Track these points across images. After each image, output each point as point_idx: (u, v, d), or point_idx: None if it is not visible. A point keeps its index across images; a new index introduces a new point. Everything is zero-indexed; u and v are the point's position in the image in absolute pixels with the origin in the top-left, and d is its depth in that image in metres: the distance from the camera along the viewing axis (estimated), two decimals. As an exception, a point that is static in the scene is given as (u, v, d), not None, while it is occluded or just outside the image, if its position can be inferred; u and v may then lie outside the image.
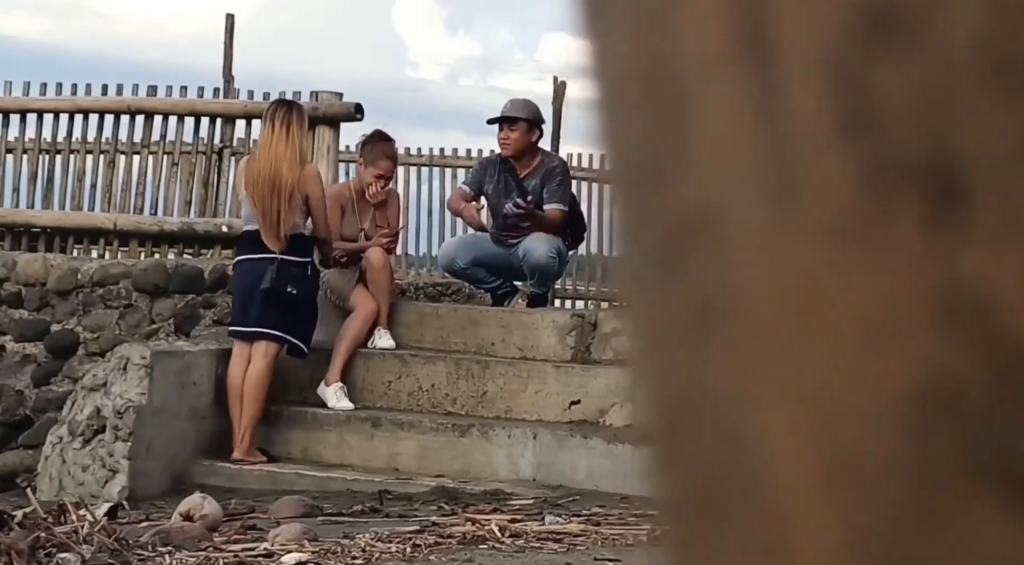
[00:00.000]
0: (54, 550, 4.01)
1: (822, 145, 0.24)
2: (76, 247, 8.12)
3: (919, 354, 0.24)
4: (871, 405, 0.25)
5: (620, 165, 0.27)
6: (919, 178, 0.24)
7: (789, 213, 0.25)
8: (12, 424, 7.36)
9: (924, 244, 0.24)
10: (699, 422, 0.26)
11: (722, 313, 0.26)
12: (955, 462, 0.24)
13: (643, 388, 0.28)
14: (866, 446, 0.25)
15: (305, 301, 6.55)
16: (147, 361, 6.35)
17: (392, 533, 4.78)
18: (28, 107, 8.24)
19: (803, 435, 0.25)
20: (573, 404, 6.54)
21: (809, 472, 0.25)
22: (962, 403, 0.24)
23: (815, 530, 0.25)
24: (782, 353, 0.25)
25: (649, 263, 0.27)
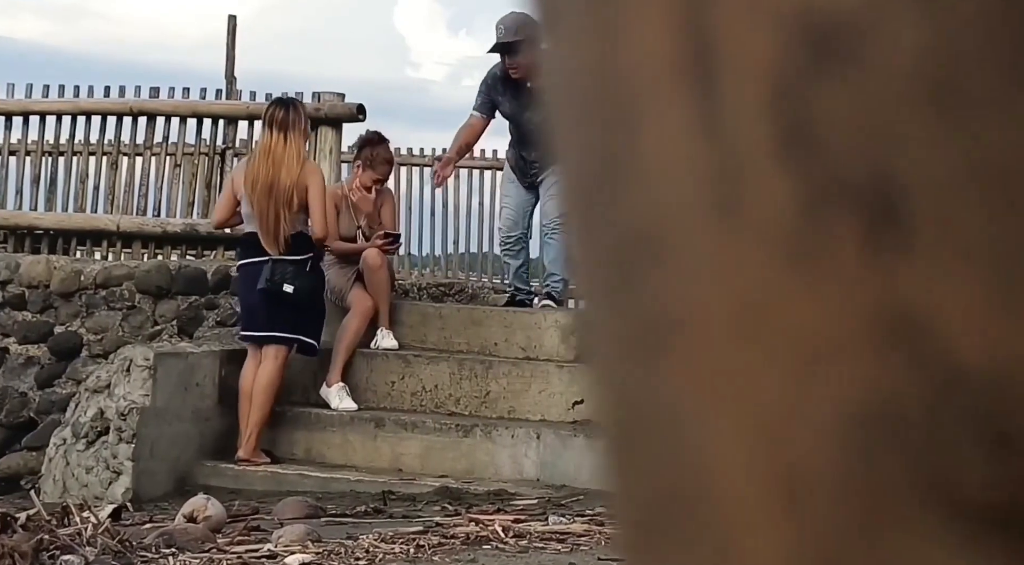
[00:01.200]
0: (58, 552, 4.02)
1: (764, 164, 0.25)
2: (79, 249, 8.13)
3: (860, 374, 0.25)
4: (815, 423, 0.25)
5: (572, 179, 0.27)
6: (859, 199, 0.24)
7: (734, 231, 0.25)
8: (16, 426, 7.37)
9: (864, 265, 0.24)
10: (649, 435, 0.26)
11: (671, 328, 0.26)
12: (897, 482, 0.24)
13: (598, 399, 0.28)
14: (811, 463, 0.25)
15: (308, 298, 6.53)
16: (150, 363, 6.35)
17: (396, 534, 4.78)
18: (31, 109, 8.25)
19: (750, 450, 0.25)
20: (577, 404, 6.54)
21: (756, 487, 0.25)
22: (903, 424, 0.24)
23: (761, 544, 0.25)
24: (729, 370, 0.25)
25: (601, 277, 0.27)
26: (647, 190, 0.26)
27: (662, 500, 0.26)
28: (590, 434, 6.18)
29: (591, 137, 0.26)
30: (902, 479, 0.24)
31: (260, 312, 6.43)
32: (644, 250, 0.26)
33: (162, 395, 6.40)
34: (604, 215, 0.26)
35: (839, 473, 0.25)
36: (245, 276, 6.54)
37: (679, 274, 0.26)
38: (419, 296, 8.25)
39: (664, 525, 0.26)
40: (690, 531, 0.26)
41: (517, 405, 6.63)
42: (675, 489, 0.26)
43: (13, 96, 8.33)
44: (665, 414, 0.26)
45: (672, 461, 0.26)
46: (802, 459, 0.25)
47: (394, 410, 6.74)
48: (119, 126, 8.13)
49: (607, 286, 0.27)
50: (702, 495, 0.26)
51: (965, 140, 0.23)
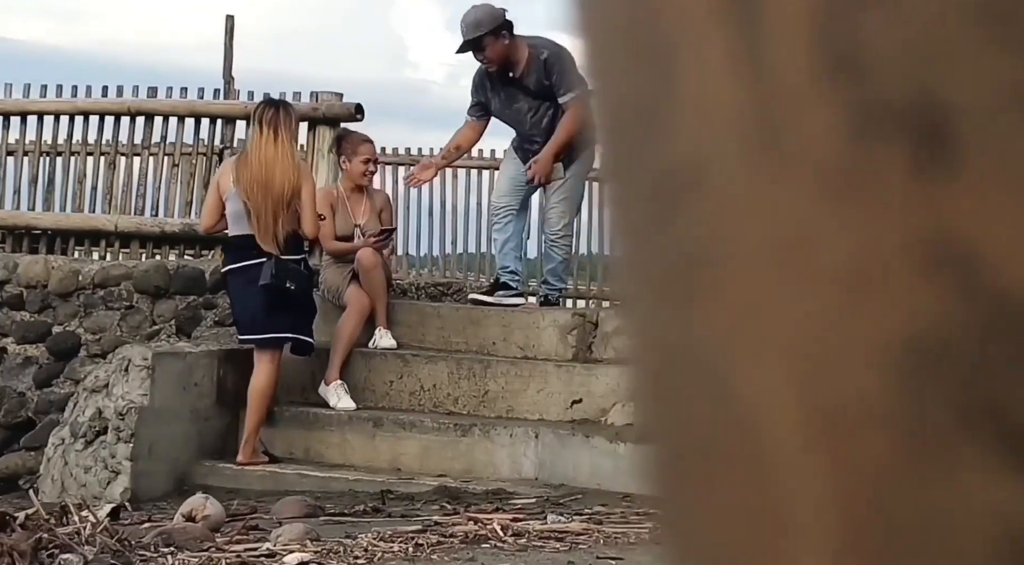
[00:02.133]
0: (56, 551, 4.01)
1: (807, 94, 0.24)
2: (77, 249, 8.12)
3: (907, 304, 0.24)
4: (859, 355, 0.25)
5: (610, 118, 0.27)
6: (906, 125, 0.24)
7: (775, 163, 0.25)
8: (14, 426, 7.36)
9: (911, 192, 0.24)
10: (689, 375, 0.26)
11: (709, 264, 0.26)
12: (943, 413, 0.24)
13: (635, 343, 0.28)
14: (854, 397, 0.25)
15: (304, 297, 6.55)
16: (148, 362, 6.35)
17: (394, 533, 4.78)
18: (29, 109, 8.24)
19: (791, 386, 0.25)
20: (575, 403, 6.54)
21: (798, 423, 0.25)
22: (950, 354, 0.24)
23: (804, 482, 0.25)
24: (770, 304, 0.25)
25: (637, 216, 0.27)
26: (687, 124, 0.25)
27: (701, 442, 0.26)
28: (588, 433, 6.14)
29: (630, 74, 0.26)
30: (949, 409, 0.24)
31: (260, 313, 6.43)
32: (683, 185, 0.26)
33: (160, 395, 6.39)
34: (642, 151, 0.26)
35: (884, 406, 0.24)
36: (242, 279, 6.51)
37: (720, 208, 0.25)
38: (417, 296, 8.25)
39: (703, 468, 0.26)
40: (731, 473, 0.26)
41: (515, 404, 6.63)
42: (715, 430, 0.26)
43: (11, 96, 8.32)
44: (703, 353, 0.26)
45: (711, 401, 0.26)
46: (846, 393, 0.25)
47: (392, 409, 6.74)
48: (117, 126, 8.13)
49: (644, 224, 0.27)
50: (743, 435, 0.25)
51: (1013, 62, 0.23)
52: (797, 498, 0.25)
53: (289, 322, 6.46)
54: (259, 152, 6.42)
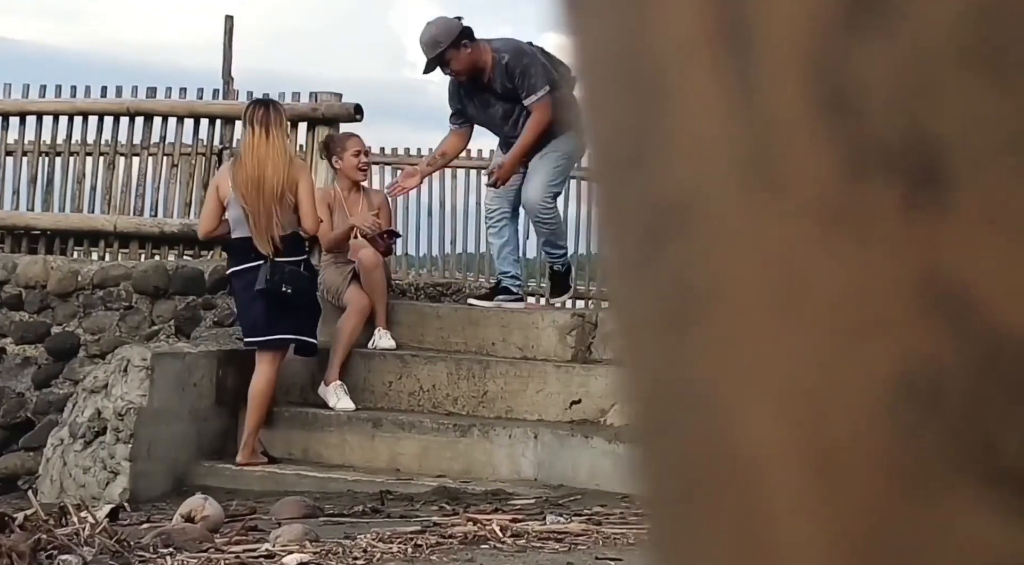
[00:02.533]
0: (55, 552, 4.01)
1: (801, 130, 0.24)
2: (76, 249, 8.12)
3: (900, 344, 0.24)
4: (853, 396, 0.25)
5: (601, 153, 0.27)
6: (899, 162, 0.24)
7: (768, 199, 0.25)
8: (13, 426, 7.36)
9: (905, 230, 0.24)
10: (681, 414, 0.26)
11: (701, 302, 0.26)
12: (938, 454, 0.24)
13: (627, 380, 0.27)
14: (848, 437, 0.24)
15: (304, 298, 6.53)
16: (148, 363, 6.35)
17: (393, 533, 4.78)
18: (27, 109, 8.24)
19: (785, 426, 0.25)
20: (574, 404, 6.54)
21: (790, 463, 0.25)
22: (944, 395, 0.24)
23: (798, 522, 0.25)
24: (763, 343, 0.25)
25: (629, 252, 0.27)
26: (680, 160, 0.25)
27: (694, 483, 0.26)
28: (587, 433, 6.14)
29: (622, 109, 0.26)
30: (943, 451, 0.24)
31: (262, 316, 6.42)
32: (676, 222, 0.25)
33: (159, 395, 6.39)
34: (634, 187, 0.26)
35: (879, 448, 0.24)
36: (242, 282, 6.51)
37: (712, 246, 0.25)
38: (416, 296, 8.25)
39: (697, 509, 0.26)
40: (725, 515, 0.26)
41: (514, 405, 6.63)
42: (708, 471, 0.26)
43: (10, 96, 8.32)
44: (696, 392, 0.26)
45: (705, 442, 0.26)
46: (838, 433, 0.24)
47: (392, 410, 6.74)
48: (116, 126, 8.13)
49: (637, 260, 0.27)
50: (737, 477, 0.25)
51: (1008, 101, 0.23)
52: (789, 539, 0.25)
53: (291, 324, 6.45)
54: (252, 152, 6.41)
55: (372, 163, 12.02)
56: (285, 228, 6.43)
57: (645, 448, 0.27)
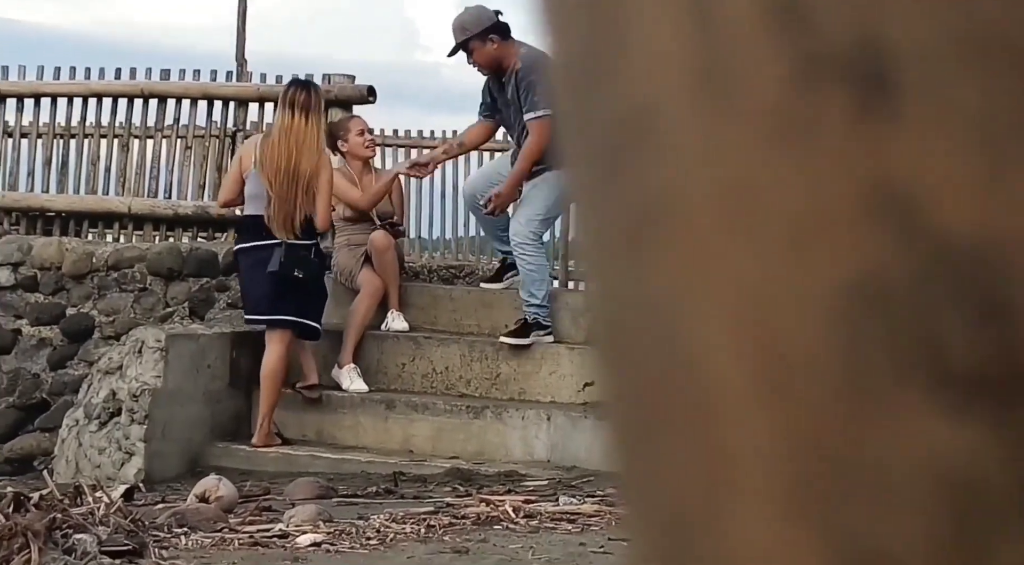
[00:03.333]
0: (71, 531, 4.03)
1: (752, 38, 0.24)
2: (91, 231, 8.14)
3: (848, 250, 0.25)
4: (801, 303, 0.25)
5: (561, 69, 0.27)
6: (849, 70, 0.24)
7: (722, 109, 0.25)
8: (29, 407, 7.40)
9: (854, 137, 0.24)
10: (638, 326, 0.26)
11: (659, 213, 0.26)
12: (885, 358, 0.24)
13: (590, 295, 0.28)
14: (797, 343, 0.25)
15: (313, 283, 6.53)
16: (162, 344, 6.37)
17: (407, 514, 4.80)
18: (42, 91, 8.26)
19: (737, 334, 0.25)
20: (587, 385, 6.54)
21: (743, 370, 0.25)
22: (890, 298, 0.24)
23: (749, 430, 0.25)
24: (716, 252, 0.25)
25: (590, 167, 0.27)
26: (635, 74, 0.25)
27: (652, 391, 0.26)
28: (600, 415, 6.21)
29: (578, 22, 0.26)
30: (888, 353, 0.24)
31: (267, 296, 6.43)
32: (635, 135, 0.26)
33: (174, 376, 6.42)
34: (591, 102, 0.26)
35: (825, 351, 0.25)
36: (250, 260, 6.51)
37: (667, 159, 0.26)
38: (430, 278, 8.26)
39: (654, 415, 0.26)
40: (679, 420, 0.26)
41: (527, 387, 6.64)
42: (664, 379, 0.26)
43: (25, 78, 8.34)
44: (653, 303, 0.26)
45: (660, 351, 0.26)
46: (788, 340, 0.25)
47: (405, 392, 6.75)
48: (130, 108, 8.14)
49: (595, 177, 0.27)
50: (690, 383, 0.26)
51: (957, 6, 0.23)
52: (742, 447, 0.25)
53: (295, 306, 6.45)
54: (288, 135, 6.32)
55: (385, 145, 12.04)
56: (304, 213, 6.43)
57: (606, 360, 0.28)
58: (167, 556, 4.15)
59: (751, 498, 0.25)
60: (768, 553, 0.25)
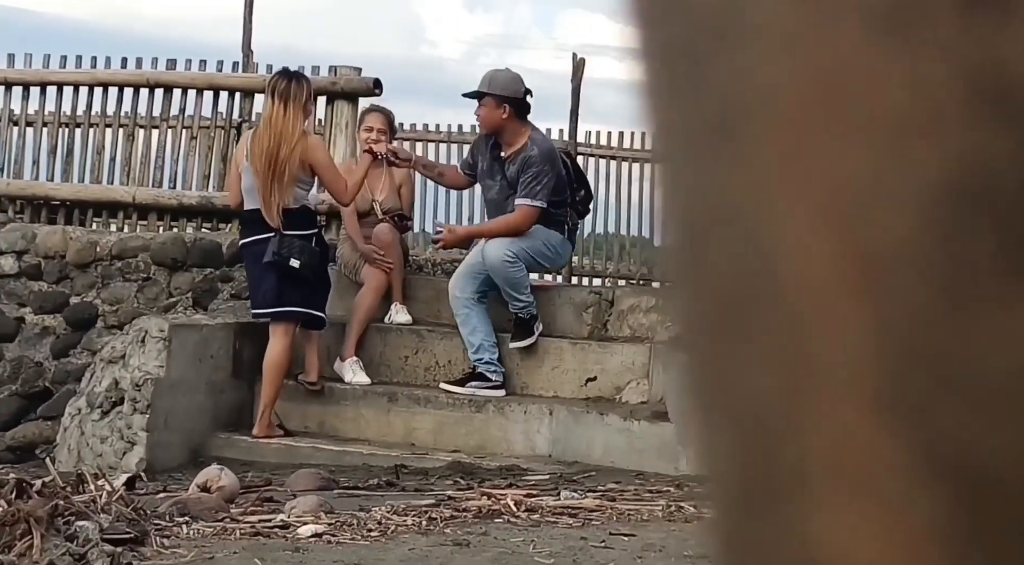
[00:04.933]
0: (72, 518, 4.03)
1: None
2: (95, 220, 8.14)
3: (951, 144, 0.24)
4: (900, 201, 0.24)
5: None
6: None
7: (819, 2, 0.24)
8: (31, 396, 7.40)
9: (961, 25, 0.23)
10: (722, 230, 0.26)
11: (746, 114, 0.25)
12: (986, 252, 0.24)
13: (666, 203, 0.27)
14: (893, 243, 0.24)
15: (314, 272, 6.51)
16: (165, 334, 6.37)
17: (408, 506, 4.79)
18: (48, 80, 8.25)
19: (828, 238, 0.24)
20: (589, 381, 6.54)
21: (833, 270, 0.24)
22: (995, 192, 0.23)
23: (839, 329, 0.24)
24: (807, 153, 0.24)
25: (671, 65, 0.26)
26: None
27: (737, 300, 0.26)
28: (602, 410, 6.09)
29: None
30: (991, 249, 0.23)
31: (271, 288, 6.43)
32: (720, 30, 0.25)
33: (176, 366, 6.41)
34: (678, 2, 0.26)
35: (924, 248, 0.24)
36: (251, 254, 6.53)
37: (758, 53, 0.25)
38: (433, 272, 8.25)
39: (739, 326, 0.26)
40: (766, 323, 0.25)
41: (530, 381, 6.64)
42: (749, 282, 0.25)
43: (31, 66, 8.33)
44: (738, 204, 0.25)
45: (746, 253, 0.25)
46: (884, 239, 0.24)
47: (407, 385, 6.75)
48: (136, 98, 8.13)
49: (678, 75, 0.26)
50: (778, 294, 0.25)
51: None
52: (832, 345, 0.24)
53: (299, 297, 6.45)
54: (268, 124, 6.42)
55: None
56: (296, 202, 6.43)
57: (685, 269, 0.27)
58: (168, 544, 4.16)
59: (837, 401, 0.24)
60: (854, 457, 0.24)
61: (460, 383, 6.56)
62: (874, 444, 0.24)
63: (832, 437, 0.24)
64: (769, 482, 0.25)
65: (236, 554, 4.05)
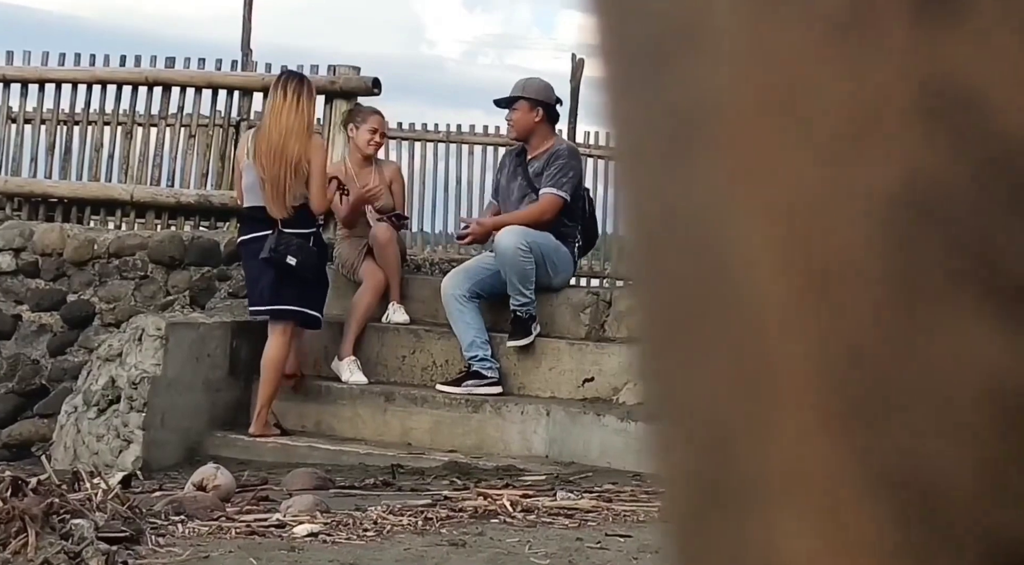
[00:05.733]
0: (68, 516, 4.03)
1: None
2: (93, 218, 8.14)
3: (902, 153, 0.24)
4: (851, 210, 0.24)
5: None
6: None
7: (773, 9, 0.24)
8: (28, 393, 7.40)
9: (913, 36, 0.23)
10: (678, 233, 0.26)
11: (704, 118, 0.25)
12: (936, 267, 0.24)
13: (626, 206, 0.27)
14: (845, 252, 0.24)
15: (311, 271, 6.51)
16: (162, 332, 6.37)
17: (404, 506, 4.79)
18: (46, 77, 8.25)
19: (783, 246, 0.24)
20: (587, 381, 6.54)
21: (788, 283, 0.24)
22: (944, 205, 0.23)
23: (791, 340, 0.24)
24: (763, 158, 0.25)
25: (633, 71, 0.26)
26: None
27: (693, 307, 0.26)
28: (599, 411, 6.10)
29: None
30: (939, 262, 0.23)
31: (268, 286, 6.44)
32: (678, 35, 0.25)
33: (173, 365, 6.41)
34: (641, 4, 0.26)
35: (873, 259, 0.24)
36: (250, 252, 6.55)
37: (717, 57, 0.25)
38: (431, 271, 8.25)
39: (694, 334, 0.26)
40: (718, 332, 0.25)
41: (527, 382, 6.63)
42: (702, 289, 0.25)
43: (29, 64, 8.33)
44: (695, 210, 0.25)
45: (701, 261, 0.25)
46: (838, 250, 0.24)
47: (404, 384, 6.75)
48: (134, 96, 8.13)
49: (637, 79, 0.26)
50: (732, 295, 0.25)
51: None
52: (784, 357, 0.24)
53: (295, 295, 6.46)
54: (278, 117, 6.43)
55: (389, 137, 12.03)
56: (297, 199, 6.45)
57: (642, 274, 0.27)
58: (163, 543, 4.15)
59: (792, 413, 0.24)
60: (808, 469, 0.24)
61: (456, 383, 6.55)
62: (824, 454, 0.24)
63: (784, 446, 0.24)
64: (722, 490, 0.25)
65: (232, 553, 4.05)
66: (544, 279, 6.65)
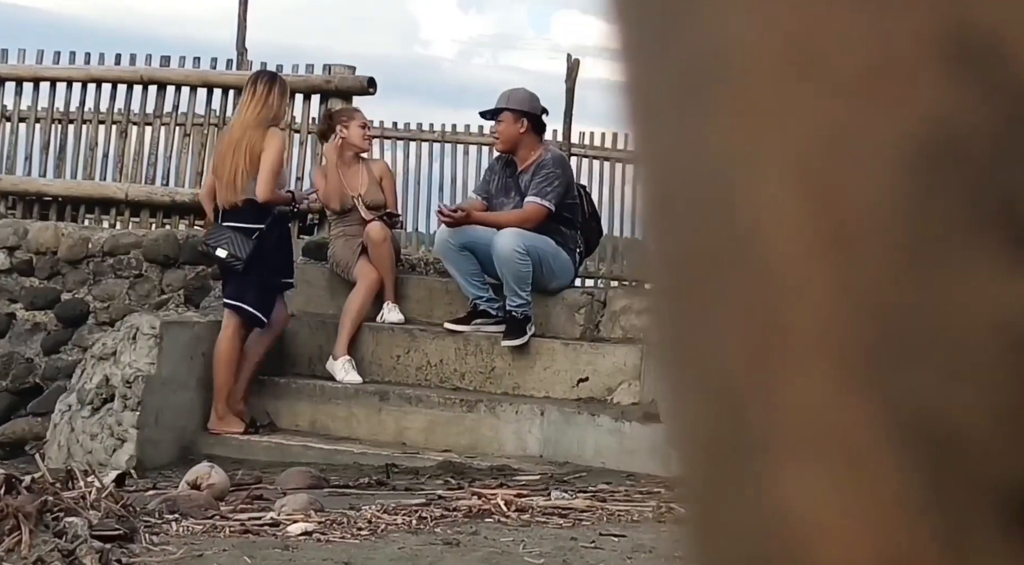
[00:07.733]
0: (62, 514, 4.02)
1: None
2: (87, 216, 8.13)
3: (923, 100, 0.23)
4: (870, 158, 0.24)
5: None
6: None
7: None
8: (21, 392, 7.39)
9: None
10: (693, 191, 0.25)
11: (720, 68, 0.25)
12: (954, 212, 0.23)
13: (639, 159, 0.27)
14: (864, 202, 0.24)
15: (249, 266, 6.45)
16: (156, 331, 6.36)
17: (398, 505, 4.79)
18: (41, 75, 8.24)
19: (799, 192, 0.24)
20: (581, 381, 6.54)
21: (808, 232, 0.24)
22: (963, 151, 0.23)
23: (807, 289, 0.24)
24: (780, 108, 0.24)
25: (647, 22, 0.26)
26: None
27: (706, 260, 0.25)
28: (594, 411, 6.10)
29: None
30: (960, 209, 0.23)
31: (222, 279, 6.69)
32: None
33: (167, 364, 6.41)
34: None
35: (891, 208, 0.24)
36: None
37: (729, 9, 0.25)
38: (426, 271, 8.25)
39: (709, 288, 0.25)
40: (736, 284, 0.25)
41: (522, 381, 6.63)
42: (718, 241, 0.25)
43: (24, 62, 8.32)
44: (709, 163, 0.25)
45: (716, 213, 0.25)
46: (856, 200, 0.24)
47: (399, 384, 6.75)
48: (129, 95, 8.12)
49: (650, 31, 0.26)
50: (746, 244, 0.25)
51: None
52: (802, 306, 0.24)
53: (233, 290, 6.57)
54: (243, 113, 6.59)
55: (384, 137, 12.02)
56: (248, 191, 6.51)
57: (655, 228, 0.27)
58: (157, 542, 4.15)
59: (805, 363, 0.24)
60: (826, 419, 0.24)
61: (464, 321, 6.67)
62: (841, 405, 0.24)
63: (800, 398, 0.24)
64: (736, 444, 0.25)
65: (226, 552, 4.04)
66: (540, 282, 6.65)
